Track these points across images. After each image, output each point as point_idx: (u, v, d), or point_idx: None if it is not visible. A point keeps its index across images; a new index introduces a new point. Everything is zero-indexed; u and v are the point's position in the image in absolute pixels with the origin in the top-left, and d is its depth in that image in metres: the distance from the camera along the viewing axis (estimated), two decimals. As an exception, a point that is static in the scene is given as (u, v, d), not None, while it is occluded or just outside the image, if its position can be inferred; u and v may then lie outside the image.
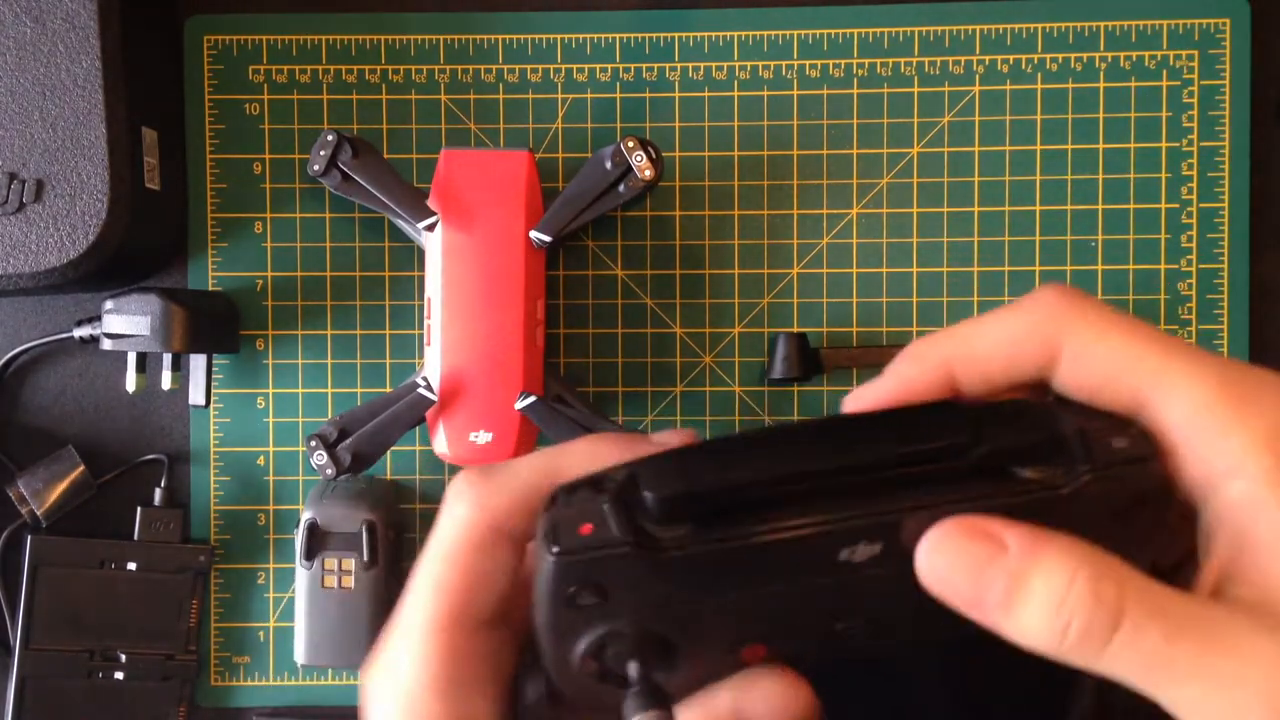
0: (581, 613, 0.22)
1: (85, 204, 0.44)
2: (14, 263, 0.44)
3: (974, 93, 0.51)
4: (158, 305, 0.47)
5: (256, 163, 0.51)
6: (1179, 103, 0.50)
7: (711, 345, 0.51)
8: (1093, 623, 0.20)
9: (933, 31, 0.50)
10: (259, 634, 0.51)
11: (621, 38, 0.51)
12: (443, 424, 0.47)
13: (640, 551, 0.21)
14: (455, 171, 0.47)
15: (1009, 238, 0.51)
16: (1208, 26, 0.50)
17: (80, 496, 0.50)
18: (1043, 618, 0.21)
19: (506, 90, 0.51)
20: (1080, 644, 0.20)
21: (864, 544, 0.22)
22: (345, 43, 0.51)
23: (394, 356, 0.51)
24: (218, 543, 0.51)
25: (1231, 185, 0.50)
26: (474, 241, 0.47)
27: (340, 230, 0.51)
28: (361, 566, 0.48)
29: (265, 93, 0.51)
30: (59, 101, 0.44)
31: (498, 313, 0.47)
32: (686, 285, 0.51)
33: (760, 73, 0.51)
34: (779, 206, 0.51)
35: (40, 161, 0.44)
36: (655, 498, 0.22)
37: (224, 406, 0.51)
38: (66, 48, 0.44)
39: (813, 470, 0.22)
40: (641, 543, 0.21)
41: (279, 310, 0.51)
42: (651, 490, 0.22)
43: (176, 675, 0.50)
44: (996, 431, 0.22)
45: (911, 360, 0.24)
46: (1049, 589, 0.20)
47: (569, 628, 0.23)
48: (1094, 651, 0.20)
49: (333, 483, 0.49)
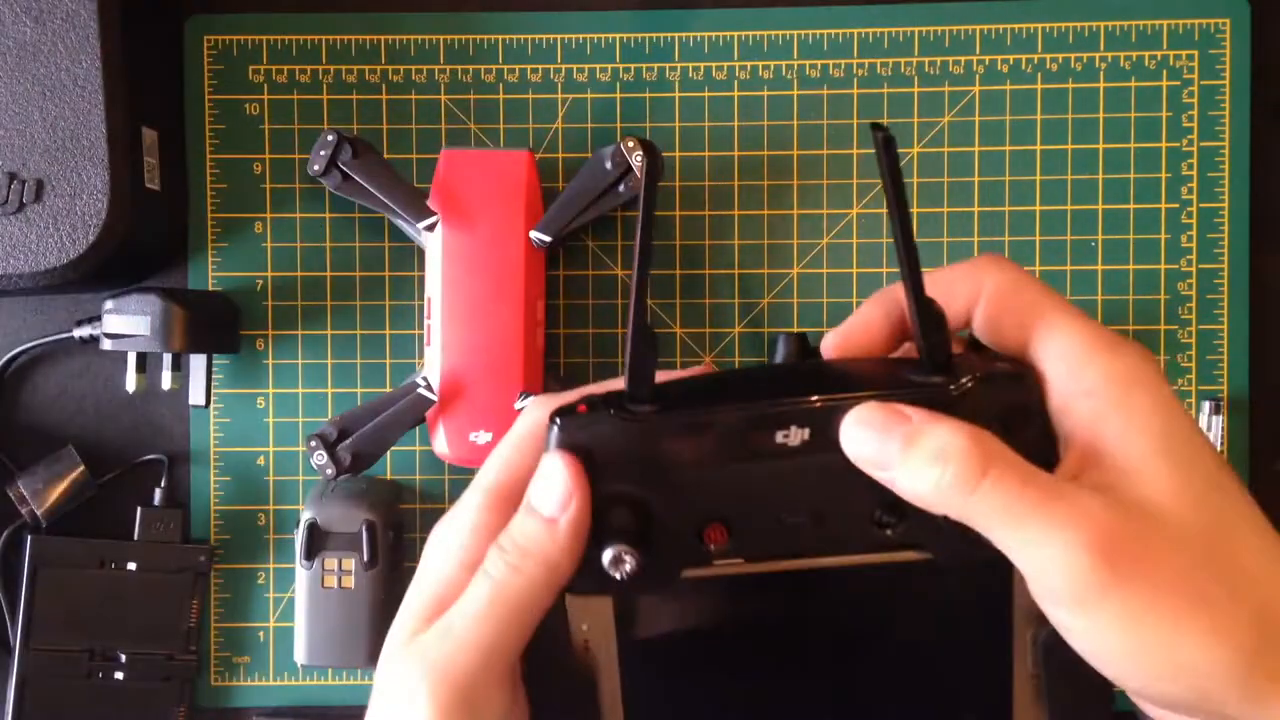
0: None
1: (85, 204, 0.44)
2: (14, 263, 0.44)
3: (974, 93, 0.51)
4: (158, 305, 0.47)
5: (256, 163, 0.51)
6: (1179, 103, 0.50)
7: (711, 345, 0.51)
8: (964, 469, 0.25)
9: (933, 31, 0.50)
10: (259, 634, 0.51)
11: (621, 38, 0.51)
12: (443, 424, 0.47)
13: (620, 415, 0.29)
14: (455, 171, 0.47)
15: (1009, 238, 0.51)
16: (1208, 26, 0.50)
17: (80, 496, 0.50)
18: (926, 467, 0.26)
19: (506, 90, 0.51)
20: (953, 488, 0.26)
21: (795, 427, 0.28)
22: (345, 43, 0.51)
23: (394, 356, 0.51)
24: (218, 543, 0.51)
25: (1231, 185, 0.50)
26: (474, 241, 0.47)
27: (340, 230, 0.51)
28: (361, 566, 0.48)
29: (265, 93, 0.51)
30: (59, 101, 0.44)
31: (498, 313, 0.47)
32: (686, 285, 0.51)
33: (760, 73, 0.51)
34: (779, 206, 0.51)
35: (40, 161, 0.44)
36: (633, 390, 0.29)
37: (224, 406, 0.51)
38: (66, 48, 0.44)
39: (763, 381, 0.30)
40: (621, 413, 0.29)
41: (279, 310, 0.51)
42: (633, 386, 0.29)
43: (176, 675, 0.50)
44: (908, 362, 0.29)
45: (874, 303, 0.31)
46: (934, 443, 0.26)
47: None
48: (963, 496, 0.26)
49: (333, 483, 0.49)
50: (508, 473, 0.32)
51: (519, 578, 0.30)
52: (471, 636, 0.30)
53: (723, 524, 0.30)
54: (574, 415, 0.29)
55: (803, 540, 0.30)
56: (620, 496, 0.30)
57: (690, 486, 0.29)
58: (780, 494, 0.29)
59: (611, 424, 0.29)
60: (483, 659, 0.30)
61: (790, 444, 0.28)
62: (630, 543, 0.29)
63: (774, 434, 0.28)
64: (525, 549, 0.30)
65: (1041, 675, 0.30)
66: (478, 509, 0.32)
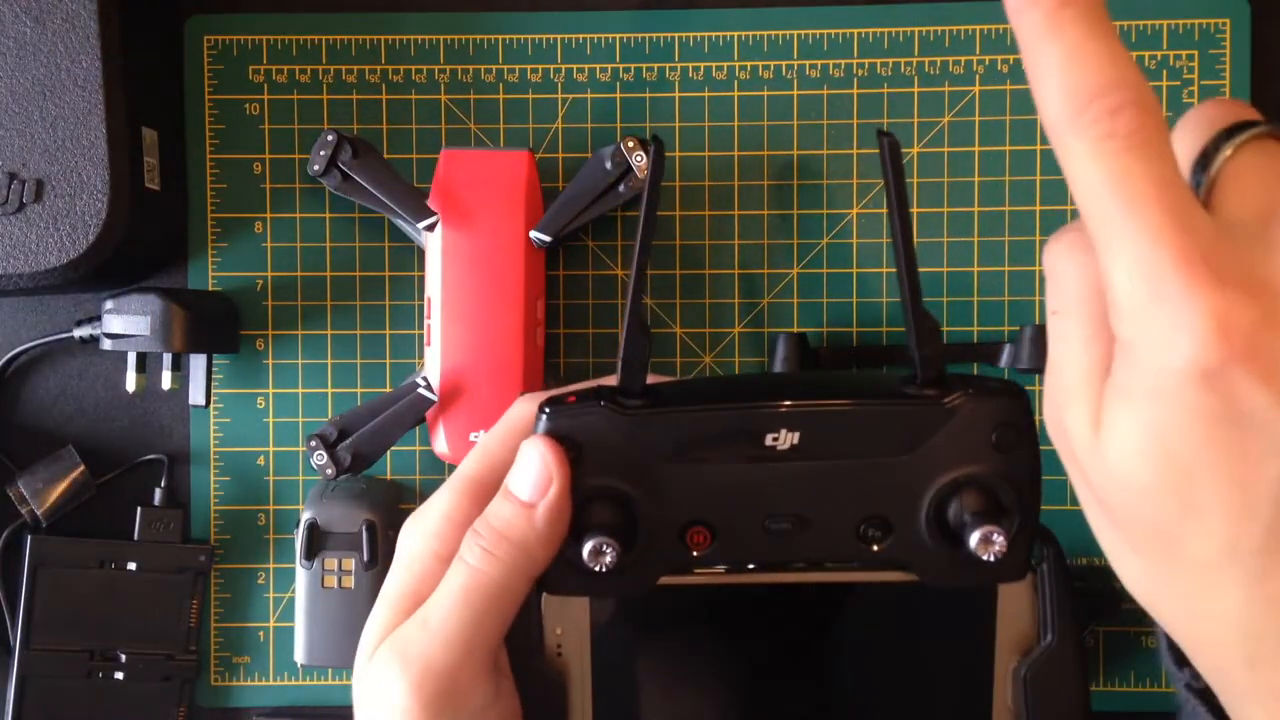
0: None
1: (85, 204, 0.44)
2: (14, 263, 0.44)
3: (974, 93, 0.51)
4: (158, 305, 0.47)
5: (256, 163, 0.51)
6: (1179, 103, 0.50)
7: (711, 345, 0.51)
8: None
9: (933, 31, 0.50)
10: (259, 634, 0.51)
11: (621, 38, 0.51)
12: (443, 424, 0.47)
13: (609, 408, 0.29)
14: (455, 171, 0.47)
15: (1009, 238, 0.51)
16: (1208, 26, 0.50)
17: (80, 496, 0.50)
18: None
19: (506, 90, 0.51)
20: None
21: (785, 430, 0.28)
22: (345, 43, 0.51)
23: (394, 356, 0.51)
24: (218, 543, 0.51)
25: (1231, 185, 0.50)
26: (474, 241, 0.47)
27: (340, 230, 0.51)
28: (361, 566, 0.48)
29: (265, 93, 0.51)
30: (59, 101, 0.44)
31: (498, 313, 0.47)
32: (686, 285, 0.51)
33: (760, 73, 0.51)
34: (779, 206, 0.51)
35: (40, 161, 0.44)
36: (626, 383, 0.29)
37: (224, 406, 0.51)
38: (66, 48, 0.44)
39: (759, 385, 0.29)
40: (610, 404, 0.29)
41: (279, 310, 0.51)
42: (626, 379, 0.29)
43: (176, 675, 0.50)
44: (903, 376, 0.29)
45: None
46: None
47: None
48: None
49: (333, 483, 0.49)
50: (487, 464, 0.32)
51: (494, 565, 0.29)
52: (449, 628, 0.29)
53: (706, 527, 0.29)
54: (562, 404, 0.29)
55: (786, 548, 0.29)
56: (604, 491, 0.29)
57: (676, 485, 0.29)
58: (766, 498, 0.29)
59: (599, 414, 0.29)
60: (462, 650, 0.29)
61: (780, 447, 0.28)
62: (612, 537, 0.29)
63: (764, 436, 0.28)
64: (500, 534, 0.29)
65: (1021, 711, 0.29)
66: (452, 498, 0.31)
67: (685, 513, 0.29)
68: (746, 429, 0.28)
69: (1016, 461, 0.28)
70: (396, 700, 0.29)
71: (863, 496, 0.29)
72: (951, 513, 0.29)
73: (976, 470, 0.28)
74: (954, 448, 0.28)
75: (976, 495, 0.29)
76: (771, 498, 0.29)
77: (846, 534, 0.29)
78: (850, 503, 0.29)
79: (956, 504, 0.29)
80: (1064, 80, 0.23)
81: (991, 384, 0.29)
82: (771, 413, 0.28)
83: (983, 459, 0.28)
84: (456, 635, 0.29)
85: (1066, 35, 0.23)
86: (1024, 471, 0.28)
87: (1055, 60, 0.23)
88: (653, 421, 0.29)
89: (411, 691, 0.29)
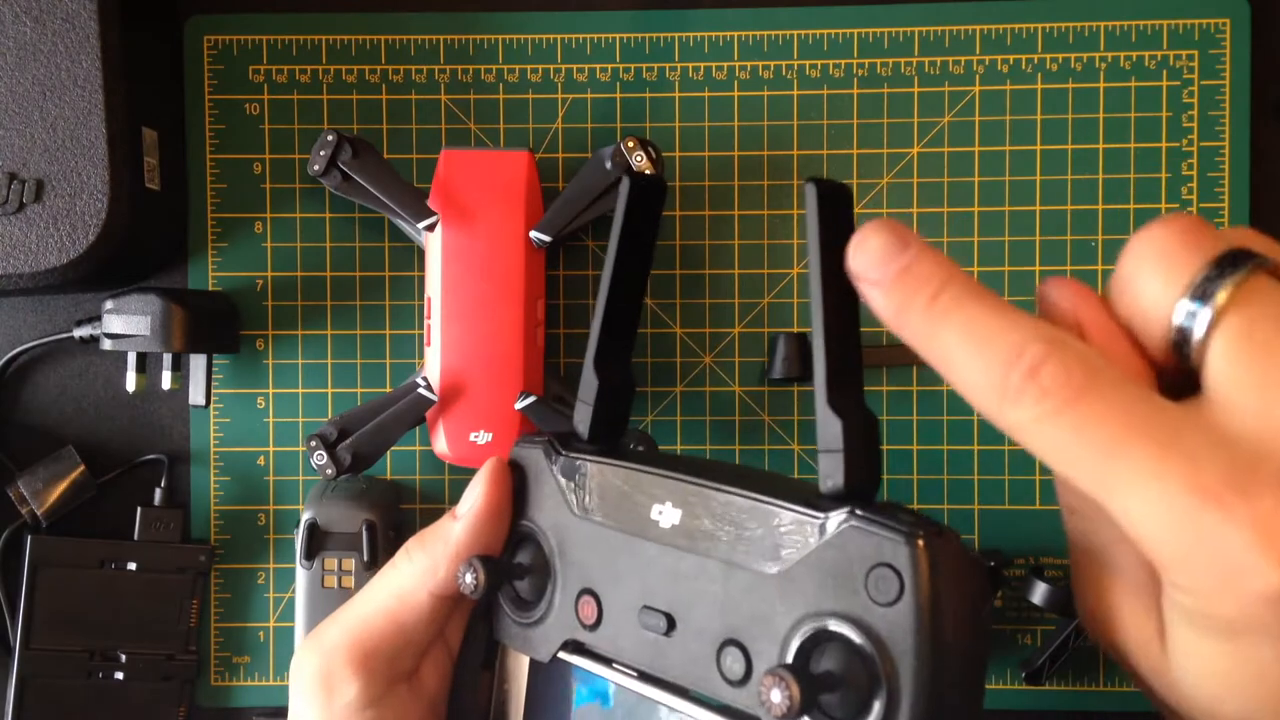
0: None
1: (85, 204, 0.44)
2: (14, 263, 0.44)
3: (974, 93, 0.51)
4: (158, 305, 0.47)
5: (256, 163, 0.51)
6: (1179, 103, 0.50)
7: (711, 345, 0.51)
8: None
9: (933, 31, 0.50)
10: (259, 634, 0.51)
11: (621, 38, 0.51)
12: (443, 424, 0.47)
13: (546, 446, 0.30)
14: (455, 171, 0.47)
15: (1009, 238, 0.51)
16: (1208, 26, 0.50)
17: (80, 496, 0.50)
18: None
19: (506, 90, 0.51)
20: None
21: (670, 504, 0.27)
22: (345, 43, 0.51)
23: (394, 356, 0.51)
24: (218, 543, 0.51)
25: (1231, 185, 0.50)
26: (474, 241, 0.47)
27: (340, 230, 0.51)
28: (361, 566, 0.48)
29: (265, 93, 0.51)
30: (59, 101, 0.44)
31: (498, 313, 0.47)
32: (686, 285, 0.51)
33: (760, 73, 0.51)
34: (779, 206, 0.51)
35: (40, 161, 0.44)
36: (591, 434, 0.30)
37: (224, 406, 0.51)
38: (66, 48, 0.44)
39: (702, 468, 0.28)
40: (551, 444, 0.30)
41: (279, 310, 0.51)
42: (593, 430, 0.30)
43: (176, 675, 0.50)
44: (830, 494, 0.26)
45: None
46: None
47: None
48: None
49: (333, 483, 0.49)
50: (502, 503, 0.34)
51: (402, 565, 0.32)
52: (341, 613, 0.32)
53: (595, 598, 0.29)
54: (537, 436, 0.30)
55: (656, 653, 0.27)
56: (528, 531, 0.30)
57: (583, 543, 0.29)
58: (646, 581, 0.28)
59: (542, 448, 0.30)
60: (340, 633, 0.32)
61: (662, 524, 0.27)
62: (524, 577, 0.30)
63: (650, 506, 0.27)
64: (424, 540, 0.32)
65: None
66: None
67: (583, 576, 0.29)
68: (636, 494, 0.28)
69: (896, 619, 0.22)
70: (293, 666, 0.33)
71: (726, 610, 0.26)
72: (818, 666, 0.24)
73: (848, 614, 0.23)
74: (825, 579, 0.24)
75: (836, 649, 0.24)
76: (649, 582, 0.27)
77: (707, 656, 0.26)
78: (715, 615, 0.26)
79: (818, 655, 0.24)
80: (971, 363, 0.22)
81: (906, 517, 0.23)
82: (657, 480, 0.27)
83: (856, 605, 0.23)
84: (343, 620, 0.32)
85: (953, 320, 0.22)
86: (902, 636, 0.22)
87: (954, 347, 0.22)
88: (575, 469, 0.29)
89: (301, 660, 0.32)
